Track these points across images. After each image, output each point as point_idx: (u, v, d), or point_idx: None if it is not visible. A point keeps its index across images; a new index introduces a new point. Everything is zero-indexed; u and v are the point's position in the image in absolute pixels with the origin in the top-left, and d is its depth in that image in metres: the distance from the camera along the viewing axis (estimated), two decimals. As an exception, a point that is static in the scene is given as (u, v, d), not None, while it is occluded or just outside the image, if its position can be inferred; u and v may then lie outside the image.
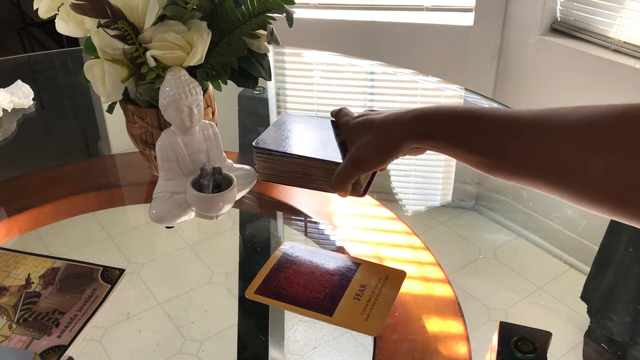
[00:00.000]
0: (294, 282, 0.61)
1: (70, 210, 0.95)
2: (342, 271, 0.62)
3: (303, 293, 0.60)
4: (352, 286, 0.60)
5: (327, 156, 0.91)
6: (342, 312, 0.57)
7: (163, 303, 0.86)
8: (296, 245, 0.66)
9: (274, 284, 0.61)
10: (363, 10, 2.17)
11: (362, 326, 0.57)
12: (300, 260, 0.64)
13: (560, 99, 1.91)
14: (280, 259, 0.65)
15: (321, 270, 0.62)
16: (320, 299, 0.58)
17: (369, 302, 0.58)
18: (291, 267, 0.63)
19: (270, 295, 0.60)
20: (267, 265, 0.64)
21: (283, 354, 0.81)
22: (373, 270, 0.62)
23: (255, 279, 0.62)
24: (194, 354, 0.80)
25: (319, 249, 0.65)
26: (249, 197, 0.95)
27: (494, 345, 0.63)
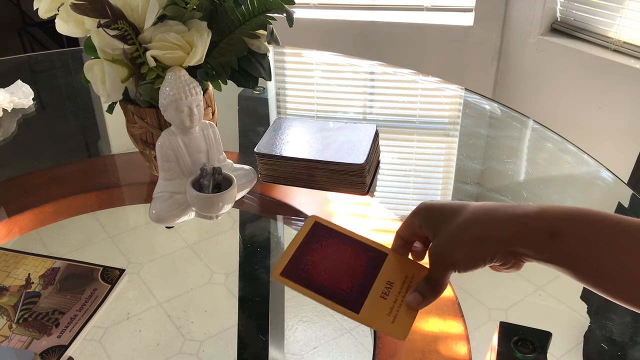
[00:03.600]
0: (320, 268, 0.57)
1: (70, 210, 0.95)
2: (369, 261, 0.58)
3: (329, 282, 0.56)
4: (378, 281, 0.57)
5: (331, 157, 0.91)
6: (369, 310, 0.55)
7: (163, 303, 0.86)
8: (322, 223, 0.61)
9: (300, 267, 0.57)
10: (363, 10, 2.17)
11: (389, 328, 0.54)
12: (327, 242, 0.59)
13: (560, 99, 1.91)
14: (307, 237, 0.59)
15: (348, 257, 0.58)
16: (346, 292, 0.55)
17: (395, 303, 0.55)
18: (317, 249, 0.58)
19: (297, 279, 0.56)
20: (292, 243, 0.59)
21: (283, 354, 0.81)
22: (400, 266, 0.58)
23: (281, 259, 0.57)
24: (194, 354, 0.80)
25: (345, 229, 0.61)
26: (249, 197, 0.95)
27: (494, 345, 0.63)
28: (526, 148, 1.15)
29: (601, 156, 1.05)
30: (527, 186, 1.04)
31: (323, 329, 0.84)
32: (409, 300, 0.55)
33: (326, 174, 0.91)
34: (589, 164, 1.03)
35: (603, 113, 1.81)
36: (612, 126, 1.80)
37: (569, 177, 1.06)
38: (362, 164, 0.88)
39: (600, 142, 1.82)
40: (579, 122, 1.87)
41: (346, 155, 0.90)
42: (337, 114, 1.30)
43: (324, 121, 1.02)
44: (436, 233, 0.54)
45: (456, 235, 0.52)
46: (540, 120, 1.16)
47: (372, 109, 1.34)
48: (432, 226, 0.54)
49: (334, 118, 1.26)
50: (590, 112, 1.84)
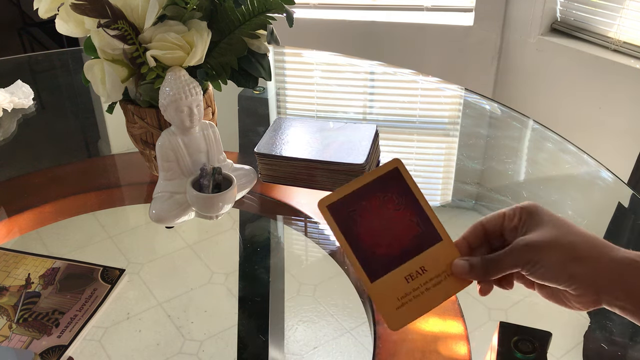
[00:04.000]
0: (368, 220, 0.52)
1: (70, 210, 0.95)
2: (419, 237, 0.53)
3: (367, 238, 0.51)
4: (414, 262, 0.52)
5: (331, 157, 0.91)
6: (383, 285, 0.51)
7: (163, 303, 0.86)
8: (402, 173, 0.54)
9: (349, 209, 0.52)
10: (363, 10, 2.17)
11: (388, 313, 0.50)
12: (391, 197, 0.53)
13: (560, 99, 1.91)
14: (378, 179, 0.53)
15: (402, 223, 0.53)
16: (375, 257, 0.51)
17: (415, 291, 0.51)
18: (379, 199, 0.53)
19: (337, 218, 0.52)
20: (358, 180, 0.53)
21: (283, 354, 0.81)
22: (447, 257, 0.52)
23: (337, 191, 0.53)
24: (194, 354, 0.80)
25: (419, 192, 0.54)
26: (249, 197, 0.95)
27: (494, 345, 0.63)
28: (526, 148, 1.15)
29: (601, 156, 1.05)
30: (527, 186, 1.04)
31: (323, 329, 0.84)
32: (456, 263, 0.52)
33: (326, 174, 0.91)
34: (589, 164, 1.03)
35: (603, 113, 1.81)
36: (612, 126, 1.80)
37: (569, 177, 1.06)
38: (362, 164, 0.88)
39: (600, 142, 1.82)
40: (579, 122, 1.87)
41: (346, 155, 0.90)
42: (337, 114, 1.30)
43: (324, 121, 1.02)
44: (537, 231, 0.51)
45: (558, 241, 0.50)
46: (540, 120, 1.16)
47: (372, 109, 1.34)
48: (536, 225, 0.51)
49: (334, 118, 1.26)
50: (590, 112, 1.84)
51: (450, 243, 0.53)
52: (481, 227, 0.54)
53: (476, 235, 0.54)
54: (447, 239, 0.53)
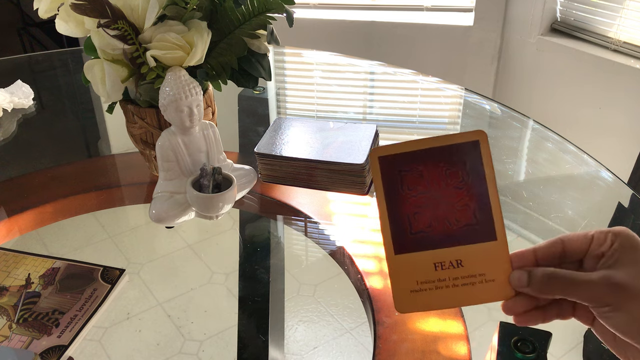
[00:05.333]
0: (418, 188, 0.45)
1: (70, 210, 0.95)
2: (472, 228, 0.45)
3: (408, 207, 0.45)
4: (453, 251, 0.45)
5: (331, 157, 0.91)
6: (406, 261, 0.45)
7: (163, 303, 0.86)
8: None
9: (402, 168, 0.45)
10: (363, 10, 2.17)
11: (400, 293, 0.45)
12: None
13: (560, 99, 1.91)
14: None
15: (457, 204, 0.45)
16: (410, 231, 0.45)
17: (439, 282, 0.45)
18: (440, 168, 0.45)
19: (385, 173, 0.45)
20: (426, 141, 0.46)
21: (283, 354, 0.81)
22: (493, 260, 0.45)
23: (397, 145, 0.46)
24: (194, 354, 0.80)
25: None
26: (249, 197, 0.95)
27: (494, 345, 0.63)
28: (526, 148, 1.15)
29: (601, 156, 1.05)
30: (527, 186, 1.04)
31: (323, 329, 0.84)
32: (514, 274, 0.44)
33: (326, 174, 0.91)
34: (589, 164, 1.03)
35: (603, 113, 1.81)
36: (612, 126, 1.80)
37: (569, 177, 1.06)
38: (362, 164, 0.88)
39: (600, 142, 1.82)
40: (579, 122, 1.87)
41: (346, 155, 0.90)
42: (337, 114, 1.30)
43: (324, 121, 1.02)
44: (631, 269, 0.42)
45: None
46: (540, 120, 1.16)
47: (372, 109, 1.34)
48: (631, 262, 0.42)
49: (334, 118, 1.26)
50: (590, 112, 1.84)
51: (505, 247, 0.45)
52: (560, 244, 0.45)
53: (551, 251, 0.45)
54: (502, 241, 0.45)
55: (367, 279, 0.79)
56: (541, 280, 0.43)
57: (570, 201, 1.00)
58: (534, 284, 0.43)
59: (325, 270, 0.90)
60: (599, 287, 0.42)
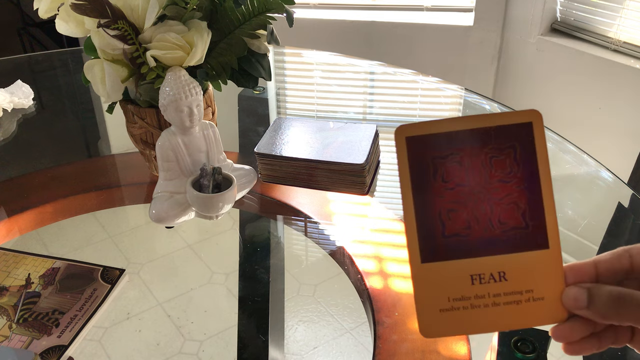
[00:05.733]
0: (455, 180, 0.37)
1: (70, 210, 0.95)
2: (520, 232, 0.37)
3: (442, 203, 0.37)
4: (494, 260, 0.37)
5: (331, 157, 0.91)
6: (435, 272, 0.37)
7: (163, 303, 0.86)
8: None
9: (436, 153, 0.37)
10: (363, 10, 2.17)
11: (426, 314, 0.37)
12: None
13: (560, 99, 1.91)
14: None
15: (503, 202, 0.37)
16: (442, 233, 0.37)
17: (475, 299, 0.37)
18: (484, 156, 0.37)
19: (414, 158, 0.37)
20: (466, 120, 0.37)
21: (283, 354, 0.81)
22: (544, 272, 0.37)
23: (428, 123, 0.37)
24: (194, 354, 0.80)
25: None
26: (249, 197, 0.95)
27: (494, 345, 0.63)
28: (526, 148, 1.15)
29: (601, 156, 1.05)
30: (527, 186, 1.04)
31: (323, 329, 0.84)
32: (569, 292, 0.36)
33: (326, 174, 0.91)
34: (589, 164, 1.03)
35: (603, 113, 1.81)
36: (612, 126, 1.80)
37: (569, 177, 1.06)
38: (362, 164, 0.88)
39: (600, 142, 1.82)
40: (579, 122, 1.87)
41: (346, 155, 0.90)
42: (337, 114, 1.30)
43: (324, 121, 1.02)
44: None
45: None
46: (540, 120, 1.16)
47: (372, 109, 1.34)
48: None
49: (334, 118, 1.26)
50: (590, 112, 1.84)
51: (559, 257, 0.37)
52: (627, 257, 0.37)
53: (617, 265, 0.37)
54: (555, 250, 0.37)
55: (367, 279, 0.79)
56: (607, 302, 0.35)
57: (570, 201, 1.00)
58: (596, 306, 0.35)
59: (325, 270, 0.90)
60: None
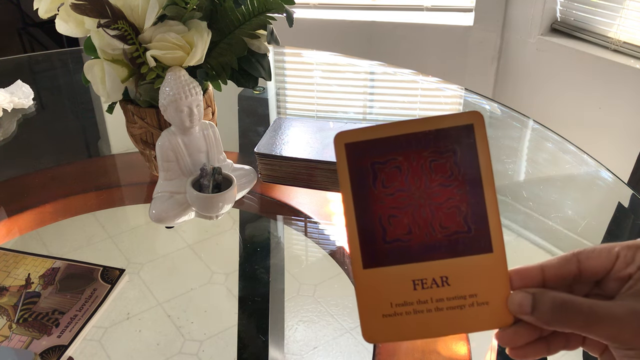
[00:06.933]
0: (394, 185, 0.36)
1: (70, 210, 0.95)
2: (462, 236, 0.36)
3: (382, 209, 0.36)
4: (436, 265, 0.36)
5: (331, 157, 0.91)
6: (377, 277, 0.36)
7: (163, 303, 0.86)
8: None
9: (374, 159, 0.37)
10: (363, 10, 2.17)
11: (368, 318, 0.36)
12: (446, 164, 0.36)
13: (560, 99, 1.91)
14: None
15: (444, 206, 0.36)
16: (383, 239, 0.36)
17: (418, 305, 0.36)
18: (423, 160, 0.36)
19: (353, 165, 0.37)
20: (405, 124, 0.36)
21: (283, 354, 0.81)
22: (488, 277, 0.36)
23: (366, 129, 0.37)
24: (194, 354, 0.80)
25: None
26: (249, 197, 0.95)
27: (494, 345, 0.63)
28: (526, 148, 1.15)
29: (601, 156, 1.05)
30: (527, 186, 1.04)
31: (323, 329, 0.84)
32: (514, 298, 0.35)
33: (326, 174, 0.91)
34: (589, 164, 1.03)
35: (603, 113, 1.81)
36: (612, 126, 1.80)
37: (569, 177, 1.06)
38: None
39: (600, 142, 1.82)
40: (579, 122, 1.87)
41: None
42: (337, 114, 1.30)
43: (324, 121, 1.02)
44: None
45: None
46: (540, 120, 1.16)
47: (372, 109, 1.34)
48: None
49: (334, 118, 1.26)
50: (590, 112, 1.84)
51: (503, 261, 0.36)
52: (575, 262, 0.36)
53: (564, 270, 0.36)
54: (499, 254, 0.36)
55: (367, 279, 0.79)
56: (551, 308, 0.34)
57: (570, 201, 1.00)
58: (540, 312, 0.34)
59: (325, 270, 0.90)
60: (626, 325, 0.33)
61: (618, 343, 0.34)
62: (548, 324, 0.34)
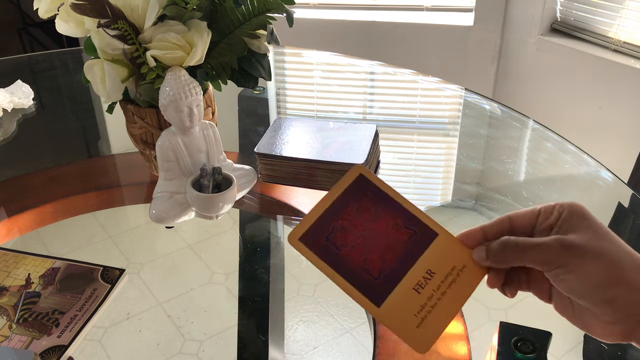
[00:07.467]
0: (349, 240, 0.45)
1: (70, 210, 0.95)
2: (412, 239, 0.46)
3: (356, 260, 0.44)
4: (417, 268, 0.45)
5: (331, 157, 0.91)
6: (393, 304, 0.43)
7: (163, 303, 0.86)
8: (368, 178, 0.48)
9: (325, 234, 0.45)
10: (363, 10, 2.17)
11: (409, 335, 0.43)
12: (367, 205, 0.47)
13: (560, 99, 1.91)
14: (344, 194, 0.47)
15: (387, 229, 0.46)
16: (373, 277, 0.44)
17: (430, 300, 0.43)
18: (352, 212, 0.46)
19: (316, 249, 0.44)
20: (325, 199, 0.47)
21: (283, 354, 0.81)
22: (450, 251, 0.46)
23: (305, 219, 0.46)
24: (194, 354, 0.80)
25: (394, 192, 0.48)
26: (249, 197, 0.95)
27: (494, 345, 0.63)
28: (526, 148, 1.15)
29: (601, 156, 1.05)
30: (527, 186, 1.04)
31: (323, 329, 0.84)
32: (474, 253, 0.45)
33: (326, 174, 0.91)
34: (589, 164, 1.03)
35: (603, 113, 1.81)
36: (612, 126, 1.80)
37: (569, 177, 1.06)
38: (362, 164, 0.88)
39: (600, 142, 1.82)
40: (579, 122, 1.87)
41: (346, 155, 0.90)
42: (337, 114, 1.30)
43: (324, 121, 1.02)
44: (581, 235, 0.42)
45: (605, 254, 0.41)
46: (540, 120, 1.16)
47: (372, 109, 1.34)
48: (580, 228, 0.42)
49: (334, 118, 1.26)
50: (590, 112, 1.84)
51: (449, 236, 0.47)
52: (508, 221, 0.45)
53: (499, 228, 0.45)
54: (443, 232, 0.47)
55: (367, 279, 0.79)
56: (497, 250, 0.44)
57: (570, 201, 1.00)
58: (492, 255, 0.44)
59: (325, 270, 0.90)
60: (553, 249, 0.41)
61: (549, 265, 0.41)
62: (499, 262, 0.44)
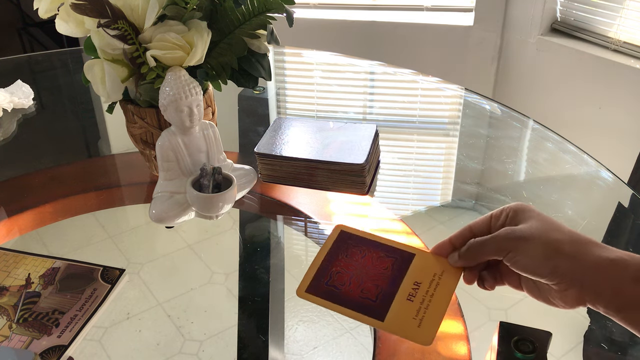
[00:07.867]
0: (346, 279, 0.56)
1: (70, 210, 0.95)
2: (396, 264, 0.57)
3: (355, 292, 0.55)
4: (405, 283, 0.55)
5: (331, 157, 0.91)
6: (394, 316, 0.53)
7: (163, 303, 0.86)
8: (348, 232, 0.61)
9: (325, 281, 0.56)
10: (363, 10, 2.17)
11: (414, 334, 0.52)
12: (353, 250, 0.59)
13: (561, 99, 1.91)
14: (332, 248, 0.59)
15: (374, 263, 0.58)
16: (372, 300, 0.54)
17: (422, 303, 0.54)
18: (343, 259, 0.58)
19: (321, 294, 0.55)
20: (318, 256, 0.58)
21: (283, 354, 0.81)
22: (428, 264, 0.57)
23: (306, 275, 0.57)
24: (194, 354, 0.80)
25: (372, 235, 0.60)
26: (249, 197, 0.95)
27: (494, 345, 0.63)
28: (526, 148, 1.15)
29: (601, 156, 1.05)
30: (527, 186, 1.04)
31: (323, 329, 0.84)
32: (449, 259, 0.56)
33: (326, 174, 0.91)
34: (589, 164, 1.03)
35: (603, 113, 1.81)
36: (612, 126, 1.80)
37: (569, 177, 1.06)
38: (362, 164, 0.88)
39: (600, 142, 1.82)
40: (579, 122, 1.87)
41: (346, 155, 0.90)
42: (337, 114, 1.30)
43: (324, 121, 1.02)
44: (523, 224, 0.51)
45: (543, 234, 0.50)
46: (540, 120, 1.16)
47: (372, 109, 1.34)
48: (523, 220, 0.52)
49: (334, 118, 1.26)
50: (590, 112, 1.84)
51: (425, 253, 0.58)
52: (468, 230, 0.55)
53: (462, 237, 0.55)
54: (419, 251, 0.58)
55: (367, 279, 0.79)
56: (465, 251, 0.54)
57: (570, 201, 1.00)
58: (462, 257, 0.54)
59: (325, 270, 0.90)
60: (501, 239, 0.51)
61: (501, 252, 0.51)
62: (469, 260, 0.54)
